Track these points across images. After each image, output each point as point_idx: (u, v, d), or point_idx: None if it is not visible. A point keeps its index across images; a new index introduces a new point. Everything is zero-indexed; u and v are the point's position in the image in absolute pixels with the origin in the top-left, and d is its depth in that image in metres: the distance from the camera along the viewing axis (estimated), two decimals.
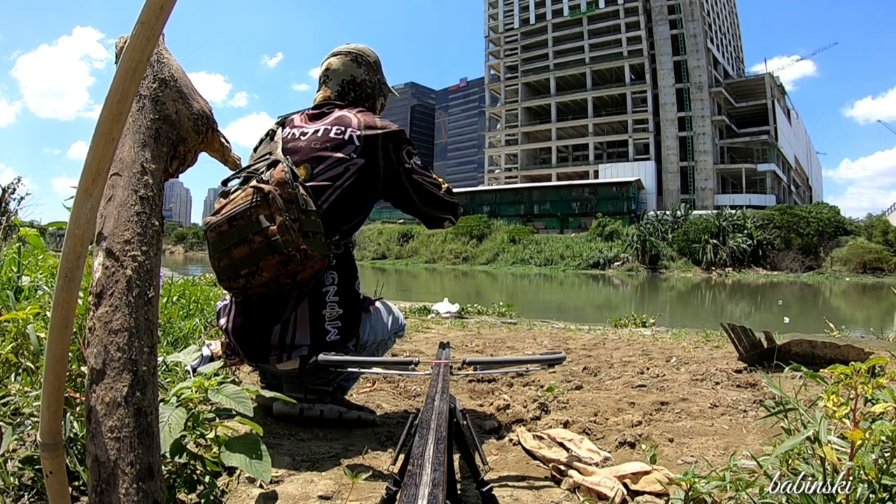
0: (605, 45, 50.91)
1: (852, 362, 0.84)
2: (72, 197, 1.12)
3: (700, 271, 27.58)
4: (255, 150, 1.61)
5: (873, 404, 0.83)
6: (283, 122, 1.66)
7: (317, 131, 1.56)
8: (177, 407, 0.96)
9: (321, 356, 1.27)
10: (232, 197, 1.36)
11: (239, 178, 1.42)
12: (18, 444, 0.99)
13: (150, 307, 0.77)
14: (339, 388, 1.67)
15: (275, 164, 1.40)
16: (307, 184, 1.46)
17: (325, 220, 1.45)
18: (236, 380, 1.94)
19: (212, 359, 1.65)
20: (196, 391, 1.00)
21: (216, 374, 1.07)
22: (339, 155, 1.50)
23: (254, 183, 1.34)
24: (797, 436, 0.86)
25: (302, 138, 1.55)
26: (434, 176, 1.67)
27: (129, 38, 0.56)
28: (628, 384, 2.13)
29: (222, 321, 1.57)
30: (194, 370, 1.42)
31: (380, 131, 1.56)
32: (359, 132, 1.54)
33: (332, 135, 1.54)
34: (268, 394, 1.29)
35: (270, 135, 1.59)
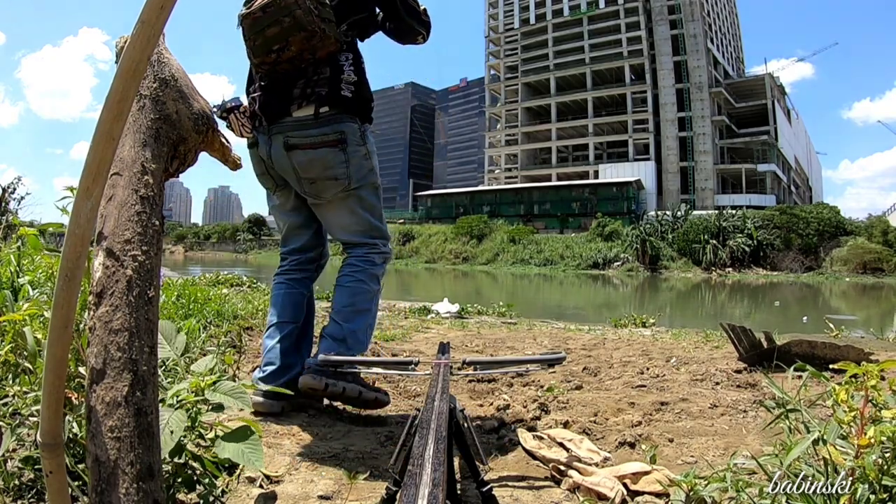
0: (605, 46, 50.89)
1: (864, 363, 0.84)
2: (64, 197, 1.12)
3: (700, 271, 27.58)
4: None
5: (875, 406, 0.83)
6: None
7: None
8: (176, 409, 0.96)
9: (321, 356, 1.28)
10: None
11: None
12: (18, 445, 0.99)
13: (151, 307, 0.77)
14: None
15: None
16: None
17: (335, 12, 1.62)
18: (236, 375, 1.95)
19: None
20: (193, 392, 1.00)
21: (212, 372, 1.07)
22: None
23: None
24: (804, 439, 0.86)
25: None
26: None
27: (130, 38, 0.56)
28: (628, 384, 2.13)
29: (248, 104, 1.74)
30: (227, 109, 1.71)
31: None
32: None
33: None
34: (264, 386, 1.30)
35: None
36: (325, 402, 1.81)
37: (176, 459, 0.97)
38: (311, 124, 1.64)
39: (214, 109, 1.64)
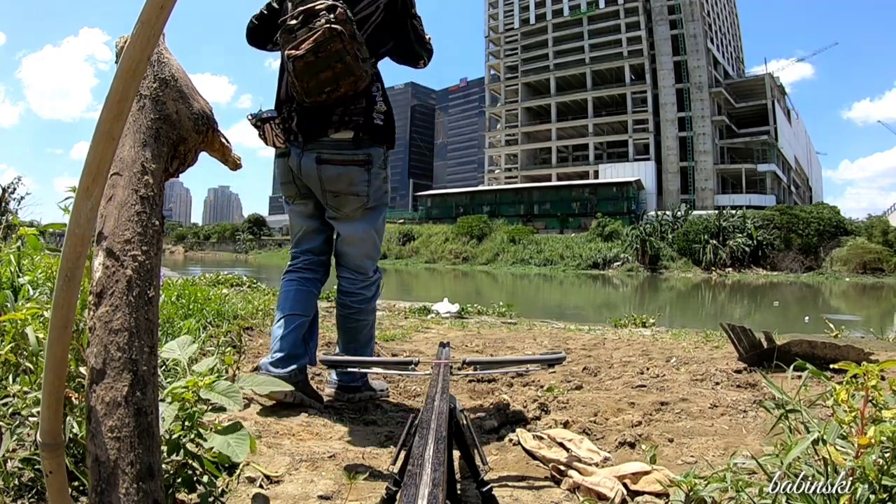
0: (605, 46, 50.85)
1: (864, 363, 0.84)
2: (68, 197, 1.12)
3: (700, 271, 27.57)
4: None
5: (875, 406, 0.83)
6: None
7: None
8: (170, 403, 0.97)
9: (321, 356, 1.30)
10: (307, 35, 1.66)
11: (296, 18, 1.70)
12: (18, 445, 0.99)
13: (151, 307, 0.77)
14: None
15: (333, 8, 1.68)
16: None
17: (367, 47, 1.77)
18: (235, 375, 1.95)
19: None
20: (189, 390, 1.00)
21: (212, 372, 1.07)
22: None
23: (324, 24, 1.65)
24: (804, 440, 0.86)
25: None
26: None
27: (130, 38, 0.56)
28: (628, 384, 2.13)
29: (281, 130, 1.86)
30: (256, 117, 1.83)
31: None
32: None
33: None
34: (261, 389, 1.31)
35: None
36: (326, 400, 1.90)
37: (174, 457, 0.97)
38: (345, 145, 1.79)
39: (250, 117, 1.85)
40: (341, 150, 1.79)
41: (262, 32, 1.95)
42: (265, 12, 1.93)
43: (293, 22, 1.70)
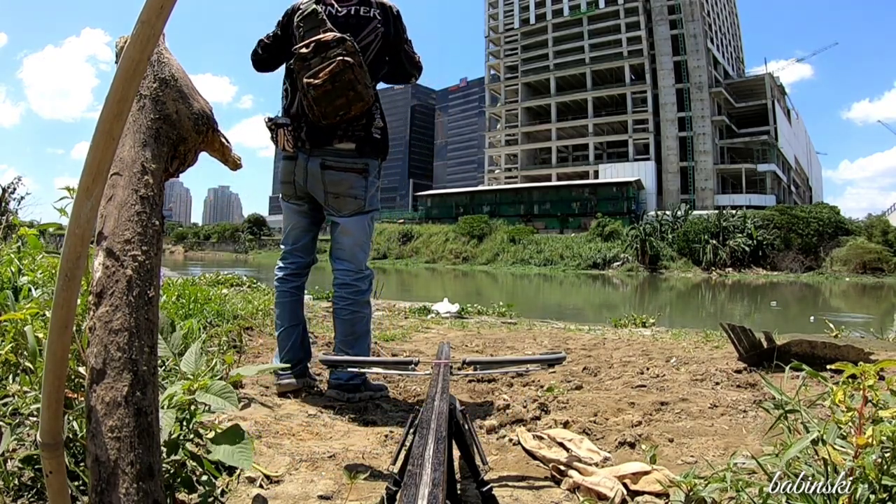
0: (605, 46, 50.84)
1: (861, 363, 0.84)
2: (63, 198, 1.12)
3: (700, 271, 27.57)
4: (300, 17, 1.98)
5: (874, 406, 0.83)
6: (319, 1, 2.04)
7: (349, 9, 2.02)
8: (169, 408, 0.97)
9: (321, 356, 1.31)
10: (322, 66, 1.84)
11: (307, 48, 1.87)
12: (18, 445, 0.99)
13: (151, 307, 0.77)
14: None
15: (342, 41, 1.86)
16: None
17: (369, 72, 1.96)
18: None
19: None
20: (186, 394, 0.99)
21: (211, 370, 1.07)
22: (371, 26, 2.02)
23: (337, 56, 1.84)
24: (802, 439, 0.86)
25: (339, 15, 2.00)
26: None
27: (130, 38, 0.56)
28: (628, 384, 2.13)
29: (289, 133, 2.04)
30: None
31: (388, 7, 2.08)
32: (377, 9, 2.05)
33: (361, 13, 2.03)
34: (251, 372, 1.31)
35: (314, 13, 1.98)
36: (326, 400, 1.95)
37: (174, 457, 0.97)
38: (346, 154, 2.00)
39: (267, 120, 2.07)
40: (343, 158, 2.00)
41: (269, 61, 2.14)
42: (269, 42, 2.10)
43: (305, 51, 1.87)
